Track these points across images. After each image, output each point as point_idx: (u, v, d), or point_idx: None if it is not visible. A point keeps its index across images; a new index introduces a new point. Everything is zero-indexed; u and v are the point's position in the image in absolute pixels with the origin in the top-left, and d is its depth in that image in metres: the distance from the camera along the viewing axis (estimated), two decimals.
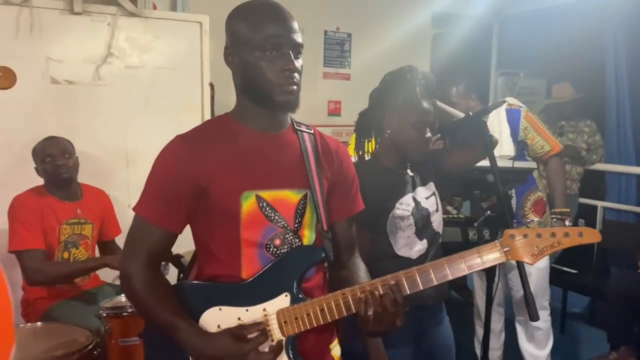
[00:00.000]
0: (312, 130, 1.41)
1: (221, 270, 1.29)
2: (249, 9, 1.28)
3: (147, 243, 1.27)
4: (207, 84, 3.31)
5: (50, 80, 2.90)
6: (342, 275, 1.40)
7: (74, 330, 2.16)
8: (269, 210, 1.27)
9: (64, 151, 2.57)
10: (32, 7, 2.80)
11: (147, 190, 1.28)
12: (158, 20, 3.16)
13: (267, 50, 1.23)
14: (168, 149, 1.29)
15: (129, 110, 3.11)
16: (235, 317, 1.25)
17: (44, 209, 2.51)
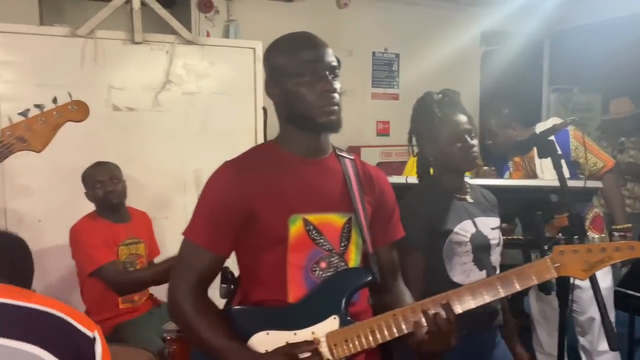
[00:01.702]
0: (352, 156, 1.44)
1: (267, 295, 1.30)
2: (284, 41, 1.35)
3: (196, 267, 1.29)
4: (261, 108, 3.37)
5: (112, 107, 3.02)
6: (387, 300, 1.41)
7: (134, 352, 2.19)
8: (315, 234, 1.30)
9: (112, 177, 2.66)
10: (96, 38, 2.93)
11: (197, 215, 1.31)
12: (213, 48, 3.25)
13: (305, 75, 1.27)
14: (217, 174, 1.33)
15: (186, 135, 3.19)
16: (283, 341, 1.25)
17: (102, 232, 2.59)
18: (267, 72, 1.36)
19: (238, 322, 1.29)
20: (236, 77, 3.30)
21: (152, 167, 3.06)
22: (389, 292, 1.43)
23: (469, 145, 1.77)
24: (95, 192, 2.64)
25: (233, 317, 1.30)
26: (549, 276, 1.24)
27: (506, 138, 2.80)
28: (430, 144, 1.81)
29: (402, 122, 2.82)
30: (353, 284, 1.30)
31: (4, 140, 1.50)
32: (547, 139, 1.75)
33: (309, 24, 4.53)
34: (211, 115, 3.24)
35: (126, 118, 3.06)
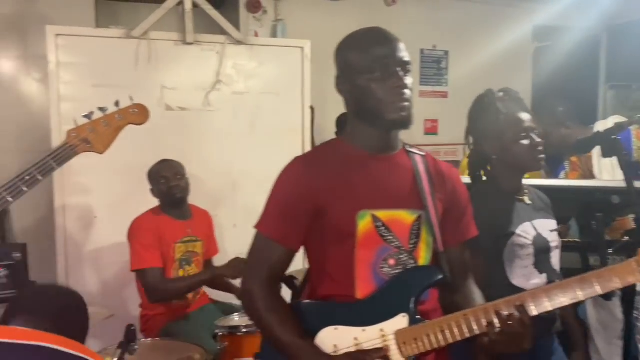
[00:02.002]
0: (423, 153, 1.42)
1: (335, 290, 1.31)
2: (355, 37, 1.34)
3: (268, 260, 1.31)
4: (308, 107, 3.37)
5: (165, 107, 3.08)
6: (457, 299, 1.38)
7: (189, 348, 2.23)
8: (384, 230, 1.29)
9: (176, 173, 2.72)
10: (150, 39, 3.00)
11: (269, 209, 1.33)
12: (262, 47, 3.28)
13: (375, 71, 1.26)
14: (288, 169, 1.35)
15: (235, 134, 3.23)
16: (351, 337, 1.25)
17: (160, 229, 2.65)
18: (338, 68, 1.35)
19: (307, 316, 1.30)
20: (284, 76, 3.32)
21: (202, 165, 3.11)
22: (459, 291, 1.40)
23: (536, 143, 1.72)
24: (160, 188, 2.70)
25: (302, 311, 1.32)
26: (632, 280, 1.17)
27: (561, 137, 2.71)
28: (494, 142, 1.76)
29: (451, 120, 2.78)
30: (422, 283, 1.29)
31: (69, 142, 1.55)
32: (612, 138, 1.68)
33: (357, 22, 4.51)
34: (259, 114, 3.27)
35: (178, 118, 3.12)
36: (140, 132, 3.07)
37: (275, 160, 3.42)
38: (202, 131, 3.17)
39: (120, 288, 2.94)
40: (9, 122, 3.49)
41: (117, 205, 2.97)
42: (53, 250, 2.94)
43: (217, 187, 3.22)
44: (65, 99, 2.92)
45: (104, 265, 3.02)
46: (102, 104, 2.67)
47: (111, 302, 2.78)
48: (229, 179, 3.25)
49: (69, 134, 1.55)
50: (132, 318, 2.64)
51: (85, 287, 2.97)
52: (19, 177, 1.46)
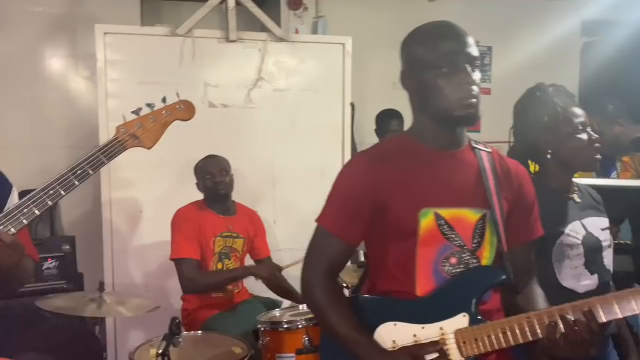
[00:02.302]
0: (490, 149, 1.38)
1: (395, 286, 1.31)
2: (422, 31, 1.32)
3: (328, 254, 1.32)
4: (349, 104, 3.36)
5: (208, 104, 3.13)
6: (519, 300, 1.36)
7: (230, 342, 2.26)
8: (447, 229, 1.27)
9: (222, 169, 2.75)
10: (194, 37, 3.05)
11: (330, 204, 1.34)
12: (304, 44, 3.28)
13: (443, 67, 1.24)
14: (352, 164, 1.36)
15: (276, 132, 3.26)
16: (410, 334, 1.25)
17: (201, 222, 2.69)
18: (403, 63, 1.34)
19: (366, 310, 1.31)
20: (325, 73, 3.32)
21: (243, 162, 3.13)
22: (522, 293, 1.38)
23: (594, 140, 1.67)
24: (205, 183, 2.75)
25: (362, 306, 1.32)
26: None
27: (613, 136, 2.62)
28: (549, 136, 1.70)
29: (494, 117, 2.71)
30: (485, 283, 1.28)
31: (119, 137, 1.56)
32: None
33: (398, 18, 4.48)
34: (300, 111, 3.28)
35: (221, 114, 3.16)
36: (184, 129, 3.12)
37: (315, 158, 3.48)
38: (244, 128, 3.20)
39: (164, 282, 3.00)
40: (58, 118, 3.61)
41: (162, 200, 3.03)
42: (100, 243, 3.03)
43: (258, 183, 3.24)
44: (112, 96, 3.00)
45: (149, 258, 3.09)
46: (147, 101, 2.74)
47: (155, 295, 2.84)
48: (269, 176, 3.28)
49: (118, 130, 1.57)
50: (175, 311, 2.69)
51: (130, 279, 3.05)
52: (70, 171, 1.47)
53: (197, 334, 2.37)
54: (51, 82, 3.62)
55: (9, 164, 1.95)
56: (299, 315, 2.19)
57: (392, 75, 4.71)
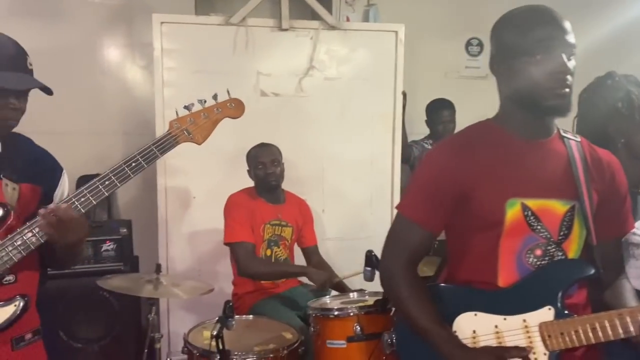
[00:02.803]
0: (579, 139, 1.34)
1: (476, 276, 1.29)
2: (515, 15, 1.28)
3: (409, 242, 1.31)
4: (400, 92, 3.33)
5: (260, 93, 3.16)
6: (607, 295, 1.32)
7: (279, 327, 2.30)
8: (533, 220, 1.25)
9: (274, 160, 2.78)
10: (247, 26, 3.08)
11: (413, 192, 1.34)
12: (356, 32, 3.26)
13: (536, 54, 1.20)
14: (436, 151, 1.36)
15: (326, 120, 3.26)
16: (492, 325, 1.24)
17: (252, 208, 2.73)
18: (493, 47, 1.31)
19: (445, 299, 1.30)
20: (377, 61, 3.29)
21: (293, 150, 3.15)
22: (610, 288, 1.34)
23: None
24: (257, 172, 2.78)
25: (441, 294, 1.32)
26: None
27: None
28: (622, 125, 1.65)
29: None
30: (572, 276, 1.24)
31: (172, 132, 1.60)
32: None
33: (451, 6, 4.36)
34: (351, 100, 3.27)
35: (272, 103, 3.18)
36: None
37: (364, 147, 3.46)
38: (294, 116, 3.22)
39: (214, 267, 3.07)
40: (115, 106, 3.72)
41: (213, 187, 3.09)
42: (154, 228, 3.12)
43: (307, 172, 3.26)
44: (168, 84, 3.06)
45: (201, 243, 3.16)
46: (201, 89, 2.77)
47: (205, 279, 2.90)
48: (319, 164, 3.29)
49: (171, 124, 1.61)
50: (225, 296, 2.75)
51: (183, 263, 3.13)
52: (125, 162, 1.52)
53: (248, 317, 2.42)
54: (109, 71, 3.73)
55: (68, 150, 2.03)
56: (350, 302, 2.20)
57: (445, 64, 4.65)
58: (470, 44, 4.22)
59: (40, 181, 1.56)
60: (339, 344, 1.97)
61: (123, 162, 1.52)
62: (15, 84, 1.45)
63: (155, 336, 2.36)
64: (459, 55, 4.22)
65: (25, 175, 1.52)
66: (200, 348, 2.04)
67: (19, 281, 1.47)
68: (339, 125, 3.27)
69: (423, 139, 3.68)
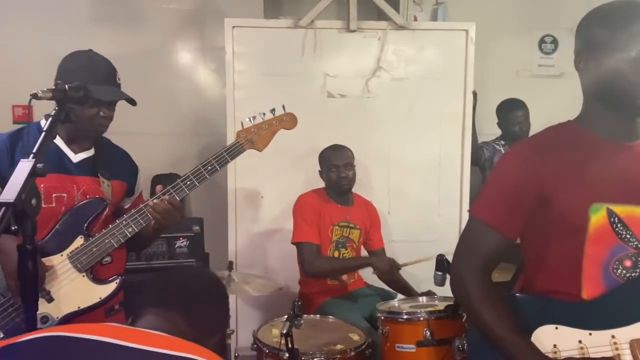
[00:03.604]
0: None
1: (557, 286, 1.23)
2: (607, 9, 1.22)
3: (482, 247, 1.26)
4: (471, 92, 3.25)
5: (327, 94, 3.18)
6: None
7: (346, 327, 2.31)
8: (621, 227, 1.18)
9: (347, 163, 2.78)
10: (316, 28, 3.11)
11: (488, 194, 1.29)
12: (425, 32, 3.22)
13: (631, 50, 1.14)
14: (512, 153, 1.30)
15: (393, 121, 3.23)
16: (575, 339, 1.17)
17: (322, 210, 2.75)
18: (580, 43, 1.25)
19: (524, 310, 1.24)
20: (446, 61, 3.23)
21: (360, 151, 3.15)
22: None
23: None
24: (329, 175, 2.80)
25: (518, 305, 1.26)
26: None
27: None
28: None
29: None
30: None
31: (239, 141, 1.87)
32: None
33: (524, 3, 4.20)
34: (419, 100, 3.22)
35: (339, 104, 3.19)
36: (304, 118, 3.21)
37: (432, 148, 3.41)
38: (361, 117, 3.21)
39: (282, 266, 3.11)
40: (187, 108, 3.85)
41: (281, 187, 3.14)
42: (224, 225, 3.20)
43: (374, 173, 3.25)
44: (238, 86, 3.14)
45: (268, 242, 3.22)
46: (270, 91, 2.88)
47: (273, 278, 2.96)
48: (385, 166, 3.26)
49: (238, 134, 1.89)
50: (292, 295, 2.78)
51: (251, 261, 3.19)
52: (203, 165, 1.78)
53: (315, 317, 2.44)
54: (182, 73, 3.87)
55: (143, 150, 2.14)
56: (419, 307, 2.17)
57: (516, 63, 4.50)
58: (543, 42, 4.06)
59: (125, 178, 1.85)
60: (409, 348, 1.95)
61: (200, 165, 1.79)
62: (107, 96, 1.68)
63: (227, 332, 2.43)
64: (532, 53, 4.07)
65: (114, 173, 1.80)
66: (269, 345, 2.08)
67: (114, 262, 1.75)
68: (407, 126, 3.23)
69: (494, 140, 3.58)
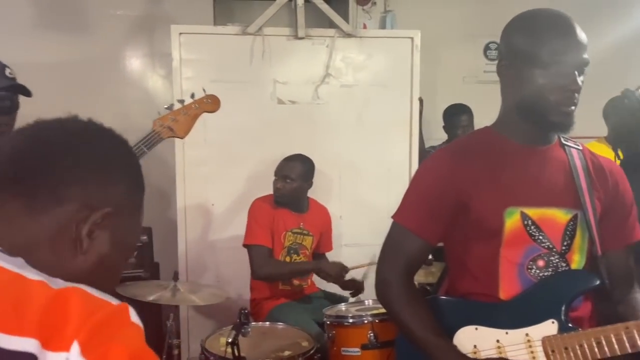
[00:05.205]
0: (580, 146, 1.31)
1: (476, 288, 1.26)
2: (532, 19, 1.22)
3: (405, 252, 1.29)
4: (417, 98, 3.32)
5: (277, 101, 3.19)
6: (620, 311, 1.27)
7: (296, 333, 2.31)
8: (534, 229, 1.21)
9: (284, 176, 2.75)
10: (264, 35, 3.12)
11: (409, 200, 1.31)
12: (372, 39, 3.27)
13: (549, 67, 1.15)
14: (433, 159, 1.33)
15: (343, 127, 3.27)
16: (493, 339, 1.21)
17: (275, 215, 2.76)
18: (502, 47, 1.26)
19: (445, 313, 1.27)
20: (393, 68, 3.29)
21: (311, 157, 3.17)
22: (622, 302, 1.29)
23: None
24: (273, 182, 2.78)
25: (440, 307, 1.29)
26: None
27: None
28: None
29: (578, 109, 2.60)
30: (576, 288, 1.21)
31: (155, 129, 1.79)
32: None
33: (469, 11, 4.33)
34: (367, 107, 3.27)
35: (289, 111, 3.21)
36: (254, 125, 3.24)
37: (382, 153, 3.46)
38: (311, 124, 3.23)
39: (234, 273, 3.10)
40: (138, 115, 3.78)
41: (232, 195, 3.13)
42: (173, 235, 3.16)
43: (324, 179, 3.27)
44: (186, 93, 3.09)
45: (220, 251, 3.19)
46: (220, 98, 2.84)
47: (224, 286, 2.94)
48: (336, 171, 3.30)
49: (154, 123, 1.81)
50: (244, 302, 2.78)
51: (202, 270, 3.17)
52: None
53: (264, 324, 2.43)
54: (130, 80, 3.81)
55: None
56: (365, 310, 2.20)
57: (462, 69, 4.63)
58: (488, 48, 4.20)
59: None
60: (354, 351, 1.98)
61: None
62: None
63: (174, 342, 2.40)
64: (478, 59, 4.20)
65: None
66: (216, 355, 2.07)
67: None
68: (356, 132, 3.27)
69: (441, 144, 3.68)
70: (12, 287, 0.60)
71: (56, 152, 0.71)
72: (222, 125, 3.02)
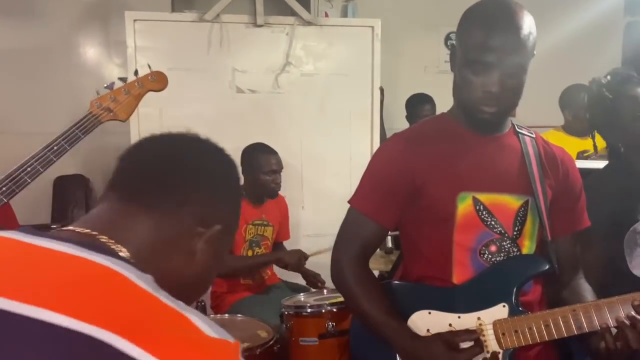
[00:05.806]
0: (533, 134, 1.32)
1: (430, 272, 1.26)
2: (470, 12, 1.22)
3: (360, 235, 1.29)
4: (377, 88, 3.32)
5: (236, 89, 3.14)
6: (564, 295, 1.30)
7: (256, 325, 2.28)
8: (486, 215, 1.22)
9: (281, 169, 2.75)
10: (221, 22, 3.06)
11: (364, 185, 1.30)
12: (332, 28, 3.25)
13: (472, 64, 1.15)
14: (387, 145, 1.33)
15: (304, 116, 3.24)
16: (446, 323, 1.22)
17: None
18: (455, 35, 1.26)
19: (399, 297, 1.28)
20: (354, 57, 3.28)
21: (272, 146, 3.14)
22: (567, 286, 1.32)
23: None
24: (262, 178, 2.70)
25: (394, 292, 1.29)
26: None
27: None
28: (614, 131, 1.60)
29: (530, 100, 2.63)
30: (526, 272, 1.23)
31: (93, 111, 1.61)
32: None
33: (430, 2, 4.35)
34: (329, 96, 3.25)
35: (249, 99, 3.16)
36: (212, 114, 3.18)
37: (343, 143, 3.44)
38: (272, 113, 3.20)
39: None
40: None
41: None
42: None
43: (286, 168, 3.23)
44: None
45: None
46: (176, 86, 2.75)
47: None
48: (298, 161, 3.27)
49: (92, 104, 1.62)
50: (204, 295, 2.73)
51: None
52: (47, 147, 1.51)
53: (223, 316, 2.40)
54: (84, 69, 3.69)
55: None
56: (323, 299, 2.19)
57: (424, 59, 4.64)
58: (449, 38, 4.22)
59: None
60: (311, 341, 1.96)
61: (45, 148, 1.52)
62: None
63: None
64: (439, 49, 4.22)
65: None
66: None
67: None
68: (317, 121, 3.25)
69: None
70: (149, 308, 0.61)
71: (182, 169, 0.77)
72: (179, 114, 2.95)
